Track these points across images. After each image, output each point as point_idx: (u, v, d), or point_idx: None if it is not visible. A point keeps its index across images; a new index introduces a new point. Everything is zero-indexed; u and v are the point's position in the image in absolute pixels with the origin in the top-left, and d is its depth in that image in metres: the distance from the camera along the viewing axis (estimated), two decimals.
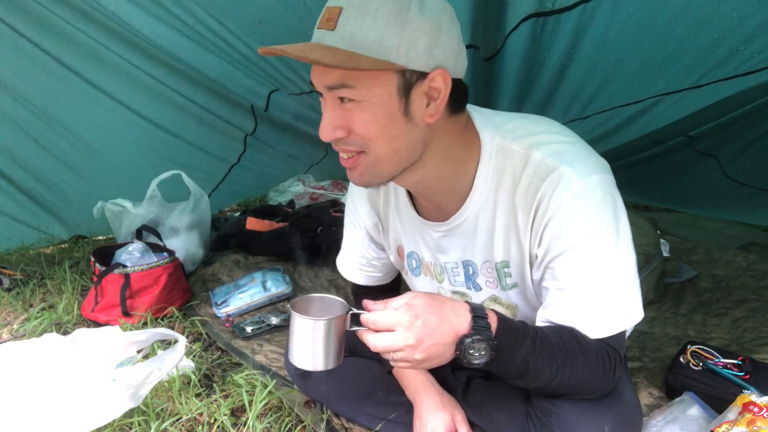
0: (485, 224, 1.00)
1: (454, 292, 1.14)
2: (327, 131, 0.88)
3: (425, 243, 1.12)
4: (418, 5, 0.81)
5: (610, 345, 0.93)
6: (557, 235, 0.90)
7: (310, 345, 0.91)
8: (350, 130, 0.88)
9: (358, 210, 1.22)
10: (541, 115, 1.03)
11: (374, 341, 0.86)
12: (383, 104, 0.85)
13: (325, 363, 0.93)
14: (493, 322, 0.86)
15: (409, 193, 1.10)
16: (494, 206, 0.98)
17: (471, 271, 1.08)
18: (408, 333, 0.83)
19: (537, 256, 0.95)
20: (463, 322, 0.85)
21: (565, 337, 0.91)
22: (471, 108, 0.99)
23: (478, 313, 0.86)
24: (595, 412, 0.94)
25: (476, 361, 0.85)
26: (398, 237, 1.18)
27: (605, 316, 0.92)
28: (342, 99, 0.86)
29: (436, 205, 1.05)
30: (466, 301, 0.89)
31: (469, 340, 0.83)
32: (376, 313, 0.87)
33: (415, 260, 1.18)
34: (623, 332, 0.95)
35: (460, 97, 0.92)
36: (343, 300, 0.96)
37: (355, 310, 0.92)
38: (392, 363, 0.87)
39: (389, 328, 0.85)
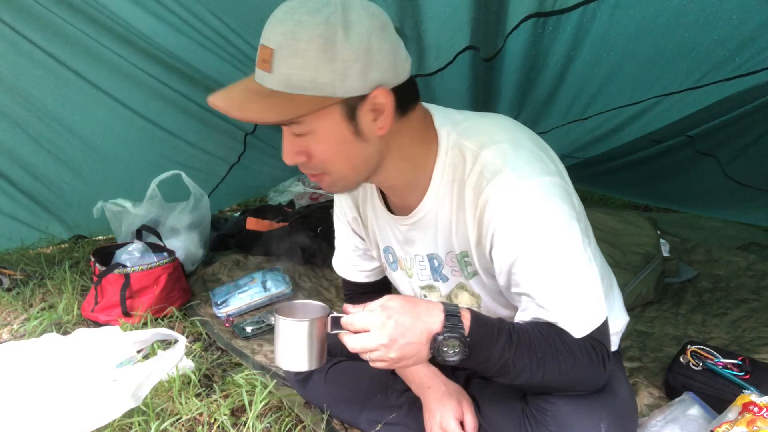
0: (444, 217, 1.03)
1: (422, 287, 1.17)
2: (288, 158, 0.92)
3: (395, 237, 1.15)
4: (344, 35, 0.80)
5: (594, 337, 0.93)
6: (503, 242, 0.93)
7: (293, 346, 0.96)
8: (310, 155, 0.91)
9: (341, 202, 1.27)
10: (503, 115, 1.06)
11: (351, 342, 0.90)
12: (333, 131, 0.88)
13: (309, 363, 0.96)
14: (465, 320, 0.89)
15: (379, 189, 1.14)
16: (450, 200, 1.01)
17: (437, 264, 1.11)
18: (381, 333, 0.87)
19: (492, 260, 0.98)
20: (436, 321, 0.88)
21: (544, 331, 0.92)
22: (432, 107, 1.03)
23: (450, 311, 0.89)
24: (591, 409, 0.94)
25: (451, 359, 0.87)
26: (374, 231, 1.21)
27: (577, 315, 0.92)
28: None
29: (401, 200, 1.09)
30: (441, 302, 0.91)
31: (441, 337, 0.87)
32: (352, 315, 0.92)
33: (391, 255, 1.21)
34: (605, 324, 0.95)
35: (406, 97, 0.93)
36: (324, 305, 1.00)
37: (336, 314, 0.96)
38: (370, 363, 0.91)
39: (364, 328, 0.89)
